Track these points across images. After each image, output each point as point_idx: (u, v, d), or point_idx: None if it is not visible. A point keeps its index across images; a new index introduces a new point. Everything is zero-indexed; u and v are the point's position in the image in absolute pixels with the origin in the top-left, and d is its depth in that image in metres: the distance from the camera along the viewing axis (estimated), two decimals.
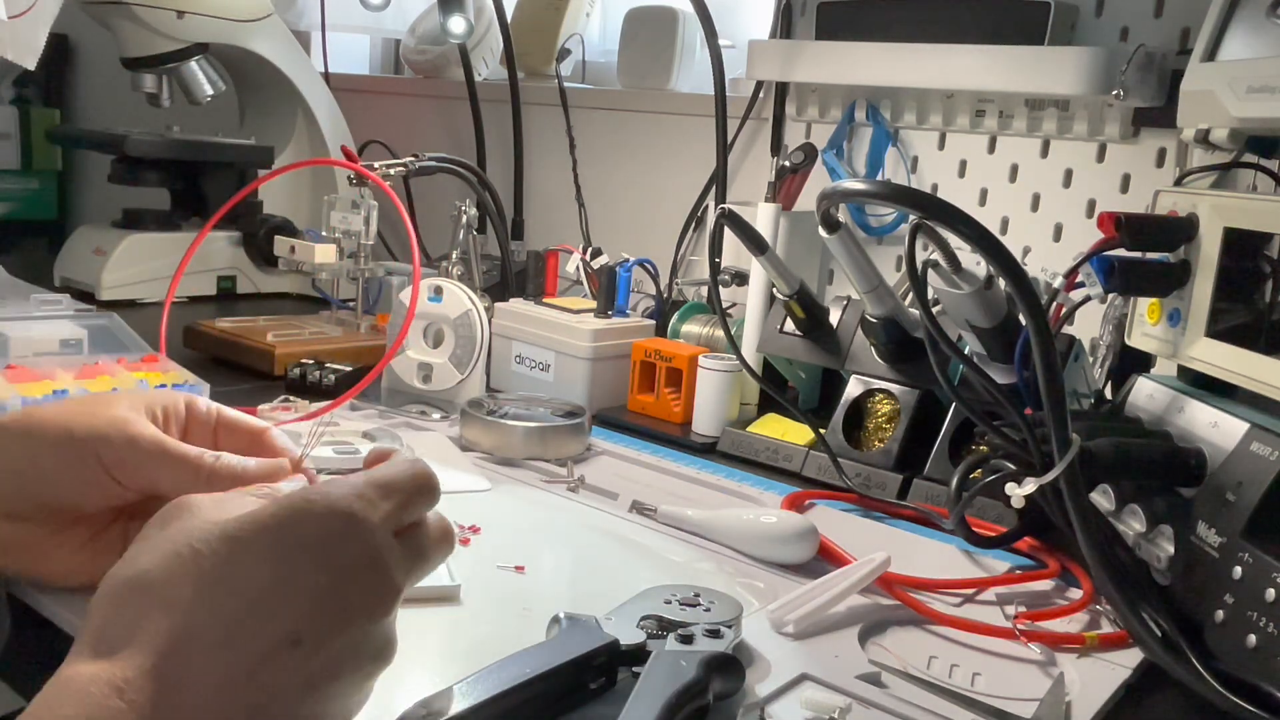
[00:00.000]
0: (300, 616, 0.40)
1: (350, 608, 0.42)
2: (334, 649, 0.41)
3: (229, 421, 0.59)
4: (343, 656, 0.42)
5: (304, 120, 1.60)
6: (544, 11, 1.62)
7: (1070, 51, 0.98)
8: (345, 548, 0.42)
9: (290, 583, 0.41)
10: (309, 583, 0.41)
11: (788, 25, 1.24)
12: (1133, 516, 0.68)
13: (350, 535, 0.42)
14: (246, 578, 0.40)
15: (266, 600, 0.40)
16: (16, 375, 0.87)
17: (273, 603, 0.40)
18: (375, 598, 0.43)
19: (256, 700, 0.40)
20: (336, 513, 0.42)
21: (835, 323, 0.94)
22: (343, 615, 0.41)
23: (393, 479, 0.45)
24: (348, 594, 0.42)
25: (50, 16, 1.08)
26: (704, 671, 0.50)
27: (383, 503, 0.44)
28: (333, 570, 0.41)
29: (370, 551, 0.43)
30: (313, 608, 0.41)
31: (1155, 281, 0.71)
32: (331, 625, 0.41)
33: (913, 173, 1.16)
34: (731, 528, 0.73)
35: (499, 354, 1.09)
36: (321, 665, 0.41)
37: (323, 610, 0.41)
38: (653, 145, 1.45)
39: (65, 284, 1.42)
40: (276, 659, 0.40)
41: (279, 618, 0.40)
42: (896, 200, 0.73)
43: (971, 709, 0.54)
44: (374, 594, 0.43)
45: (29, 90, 2.27)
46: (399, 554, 0.44)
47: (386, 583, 0.43)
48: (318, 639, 0.41)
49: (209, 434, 0.59)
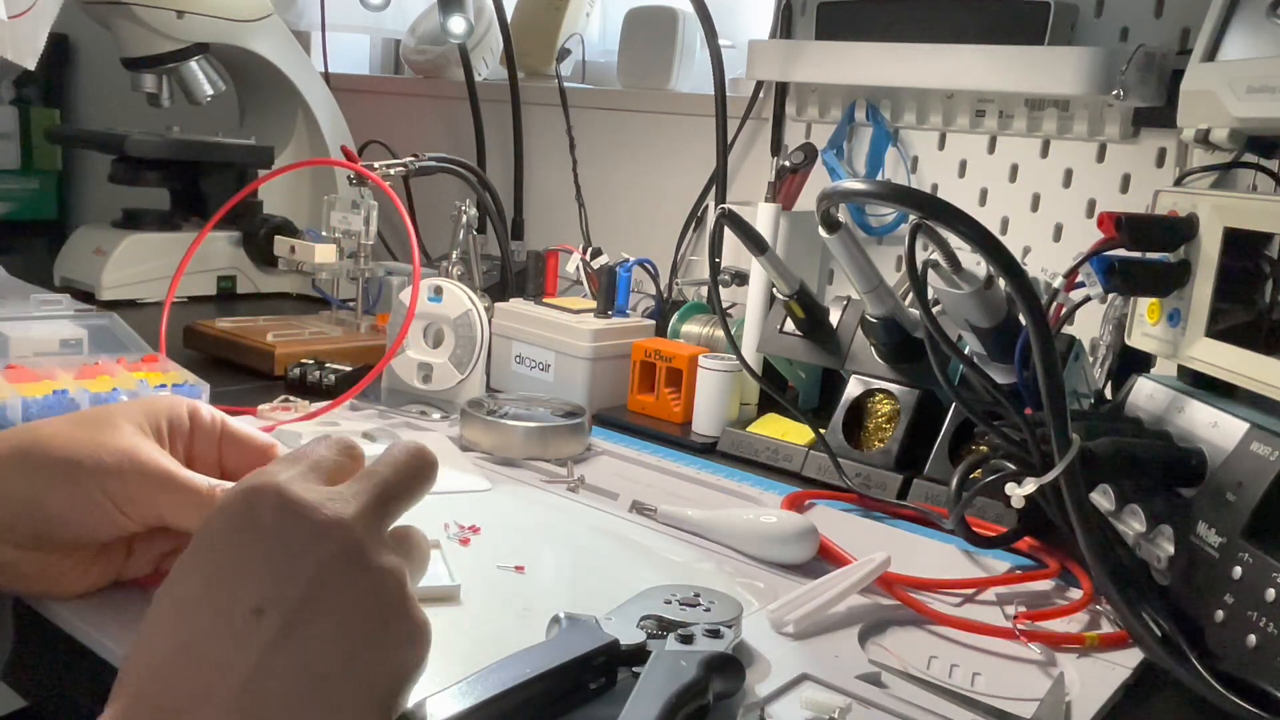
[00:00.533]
0: (249, 592, 0.41)
1: (294, 561, 0.42)
2: (300, 601, 0.41)
3: (234, 436, 0.58)
4: (313, 606, 0.41)
5: (304, 120, 1.60)
6: (544, 11, 1.62)
7: (1070, 51, 0.98)
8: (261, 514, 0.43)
9: (226, 569, 0.42)
10: (243, 560, 0.42)
11: (788, 25, 1.24)
12: (1133, 516, 0.68)
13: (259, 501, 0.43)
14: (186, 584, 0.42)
15: (209, 593, 0.41)
16: (16, 375, 0.87)
17: (215, 592, 0.41)
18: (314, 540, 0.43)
19: (247, 682, 0.40)
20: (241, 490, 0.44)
21: (835, 323, 0.94)
22: (290, 571, 0.42)
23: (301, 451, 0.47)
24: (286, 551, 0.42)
25: (50, 16, 1.08)
26: (704, 671, 0.50)
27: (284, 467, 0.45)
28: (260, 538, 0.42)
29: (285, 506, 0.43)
30: (258, 578, 0.41)
31: (1155, 281, 0.71)
32: (283, 583, 0.41)
33: (913, 173, 1.16)
34: (731, 528, 0.73)
35: (499, 354, 1.09)
36: (293, 620, 0.41)
37: (268, 575, 0.42)
38: (653, 145, 1.45)
39: (65, 284, 1.42)
40: (247, 637, 0.40)
41: (227, 601, 0.41)
42: (896, 200, 0.73)
43: (971, 709, 0.54)
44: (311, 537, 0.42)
45: (29, 90, 2.27)
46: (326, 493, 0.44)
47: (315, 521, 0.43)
48: (277, 600, 0.41)
49: (213, 446, 0.58)
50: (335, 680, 0.41)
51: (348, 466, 0.48)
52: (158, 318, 0.99)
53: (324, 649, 0.41)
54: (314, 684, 0.41)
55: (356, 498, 0.45)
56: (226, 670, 0.40)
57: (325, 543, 0.43)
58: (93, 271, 1.39)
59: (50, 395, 0.83)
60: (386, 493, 0.46)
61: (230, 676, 0.40)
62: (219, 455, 0.58)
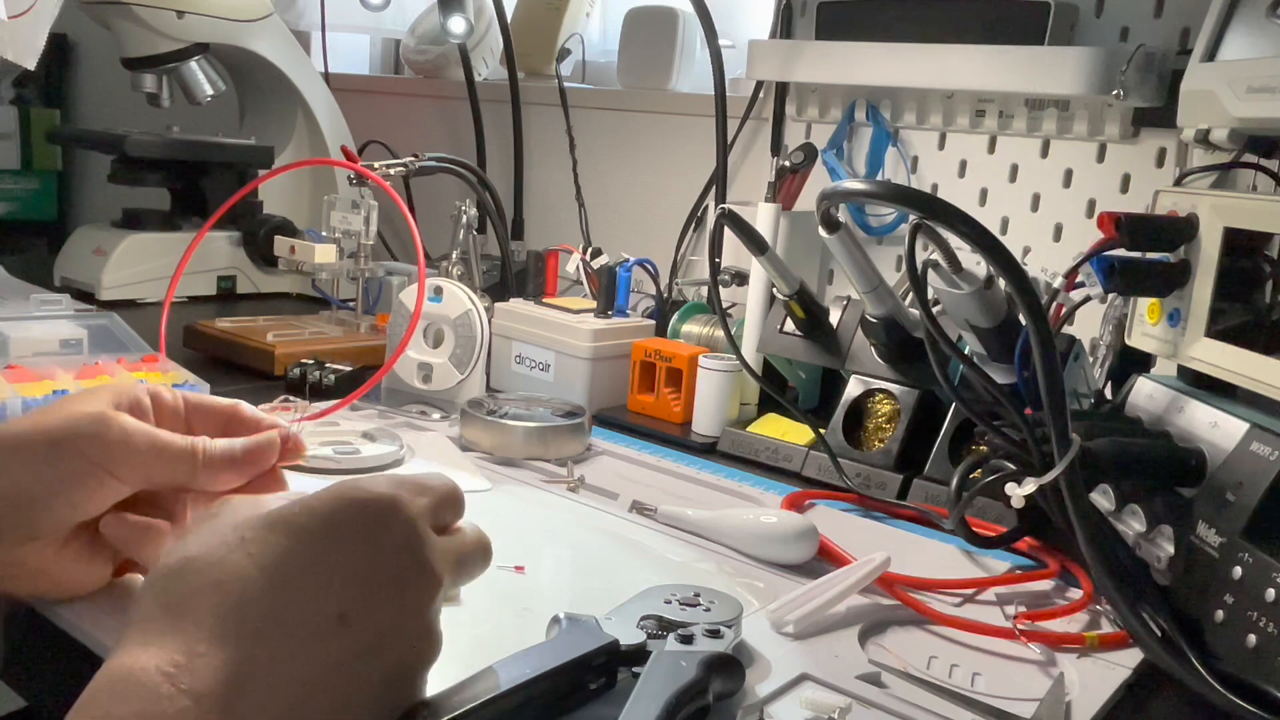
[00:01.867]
0: (345, 597, 0.42)
1: (393, 588, 0.43)
2: (380, 628, 0.42)
3: (197, 405, 0.59)
4: (389, 636, 0.43)
5: (304, 120, 1.60)
6: (544, 11, 1.62)
7: (1070, 51, 0.98)
8: (387, 531, 0.44)
9: (334, 564, 0.42)
10: (352, 564, 0.42)
11: (788, 25, 1.24)
12: (1133, 516, 0.68)
13: (391, 518, 0.44)
14: (292, 561, 0.42)
15: (312, 581, 0.41)
16: (16, 375, 0.87)
17: (318, 584, 0.42)
18: (417, 580, 0.44)
19: (307, 677, 0.40)
20: (377, 498, 0.44)
21: (835, 323, 0.94)
22: (387, 595, 0.43)
23: (425, 480, 0.48)
24: (390, 575, 0.43)
25: (50, 16, 1.08)
26: (704, 672, 0.50)
27: (418, 497, 0.46)
28: (375, 552, 0.43)
29: (410, 535, 0.44)
30: (357, 588, 0.42)
31: (1155, 281, 0.71)
32: (376, 604, 0.42)
33: (913, 173, 1.16)
34: (731, 528, 0.73)
35: (499, 354, 1.09)
36: (369, 643, 0.42)
37: (367, 590, 0.42)
38: (653, 145, 1.45)
39: (65, 284, 1.42)
40: (324, 637, 0.41)
41: (325, 598, 0.41)
42: (896, 200, 0.72)
43: (971, 709, 0.54)
44: (415, 576, 0.44)
45: (29, 90, 2.27)
46: (438, 545, 0.46)
47: (426, 567, 0.44)
48: (363, 617, 0.42)
49: (181, 423, 0.58)
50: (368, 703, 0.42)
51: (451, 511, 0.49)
52: (158, 318, 0.99)
53: (376, 678, 0.42)
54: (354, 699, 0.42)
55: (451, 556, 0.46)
56: (298, 659, 0.40)
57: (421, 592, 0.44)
58: (93, 271, 1.39)
59: (50, 395, 0.83)
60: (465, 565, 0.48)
61: (298, 667, 0.40)
62: (188, 427, 0.58)
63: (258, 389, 1.02)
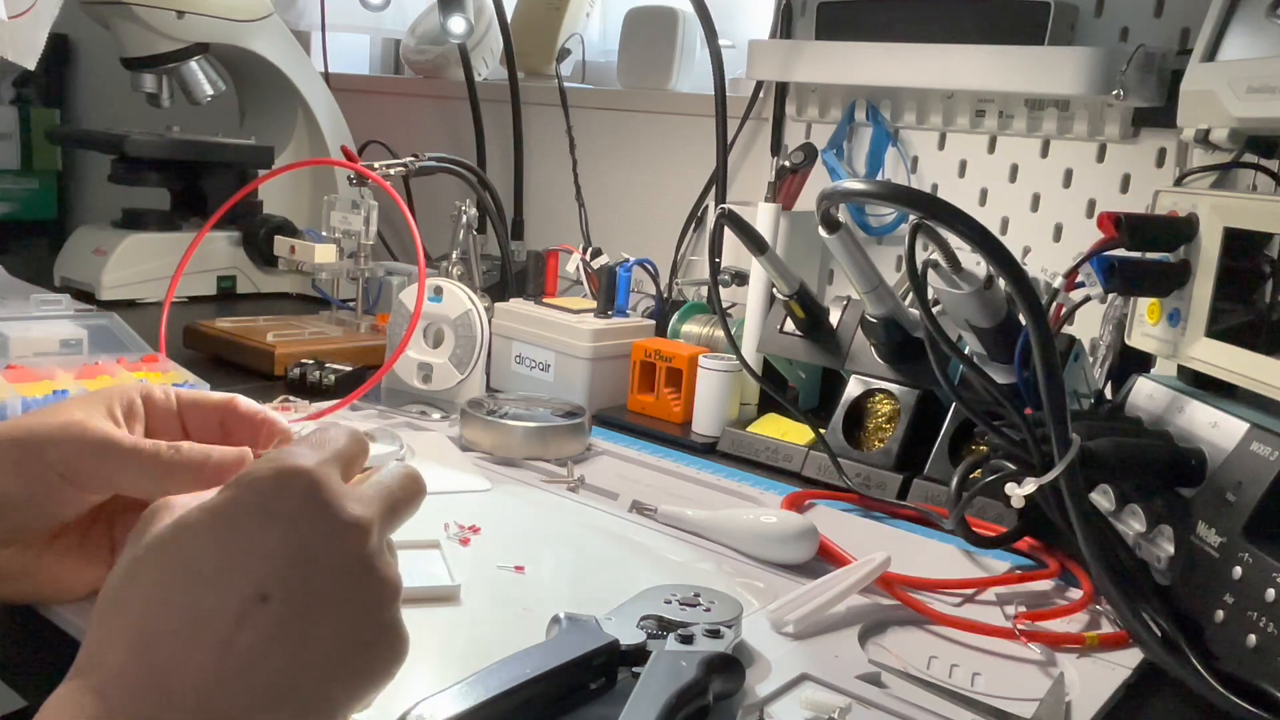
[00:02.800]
0: (262, 574, 0.41)
1: (315, 548, 0.42)
2: (308, 595, 0.41)
3: (191, 402, 0.58)
4: (319, 602, 0.41)
5: (304, 120, 1.60)
6: (544, 11, 1.62)
7: (1070, 51, 0.98)
8: (290, 498, 0.42)
9: (243, 546, 0.41)
10: (261, 541, 0.41)
11: (788, 25, 1.24)
12: (1133, 516, 0.68)
13: (291, 486, 0.42)
14: (198, 555, 0.41)
15: (223, 568, 0.41)
16: (16, 375, 0.87)
17: (230, 569, 0.41)
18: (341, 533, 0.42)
19: (242, 664, 0.40)
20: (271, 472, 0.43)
21: (835, 323, 0.94)
22: (308, 557, 0.42)
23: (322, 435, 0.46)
24: (306, 537, 0.42)
25: (50, 16, 1.08)
26: (704, 672, 0.50)
27: (313, 452, 0.44)
28: (284, 524, 0.42)
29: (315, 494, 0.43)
30: (273, 563, 0.41)
31: (1155, 281, 0.71)
32: (296, 573, 0.41)
33: (913, 173, 1.16)
34: (731, 528, 0.73)
35: (499, 354, 1.09)
36: (298, 612, 0.41)
37: (283, 562, 0.41)
38: (653, 145, 1.45)
39: (65, 284, 1.42)
40: (249, 619, 0.40)
41: (240, 580, 0.41)
42: (896, 200, 0.73)
43: (971, 709, 0.54)
44: (338, 529, 0.42)
45: (29, 90, 2.27)
46: (352, 493, 0.44)
47: (343, 516, 0.43)
48: (286, 589, 0.41)
49: (174, 421, 0.57)
50: (320, 678, 0.41)
51: (359, 458, 0.48)
52: (158, 318, 0.99)
53: (318, 647, 0.41)
54: (300, 676, 0.41)
55: (373, 502, 0.45)
56: (225, 649, 0.40)
57: (344, 543, 0.43)
58: (93, 271, 1.39)
59: (50, 395, 0.83)
60: (395, 504, 0.46)
61: (228, 656, 0.40)
62: (181, 425, 0.57)
63: (258, 389, 1.02)
